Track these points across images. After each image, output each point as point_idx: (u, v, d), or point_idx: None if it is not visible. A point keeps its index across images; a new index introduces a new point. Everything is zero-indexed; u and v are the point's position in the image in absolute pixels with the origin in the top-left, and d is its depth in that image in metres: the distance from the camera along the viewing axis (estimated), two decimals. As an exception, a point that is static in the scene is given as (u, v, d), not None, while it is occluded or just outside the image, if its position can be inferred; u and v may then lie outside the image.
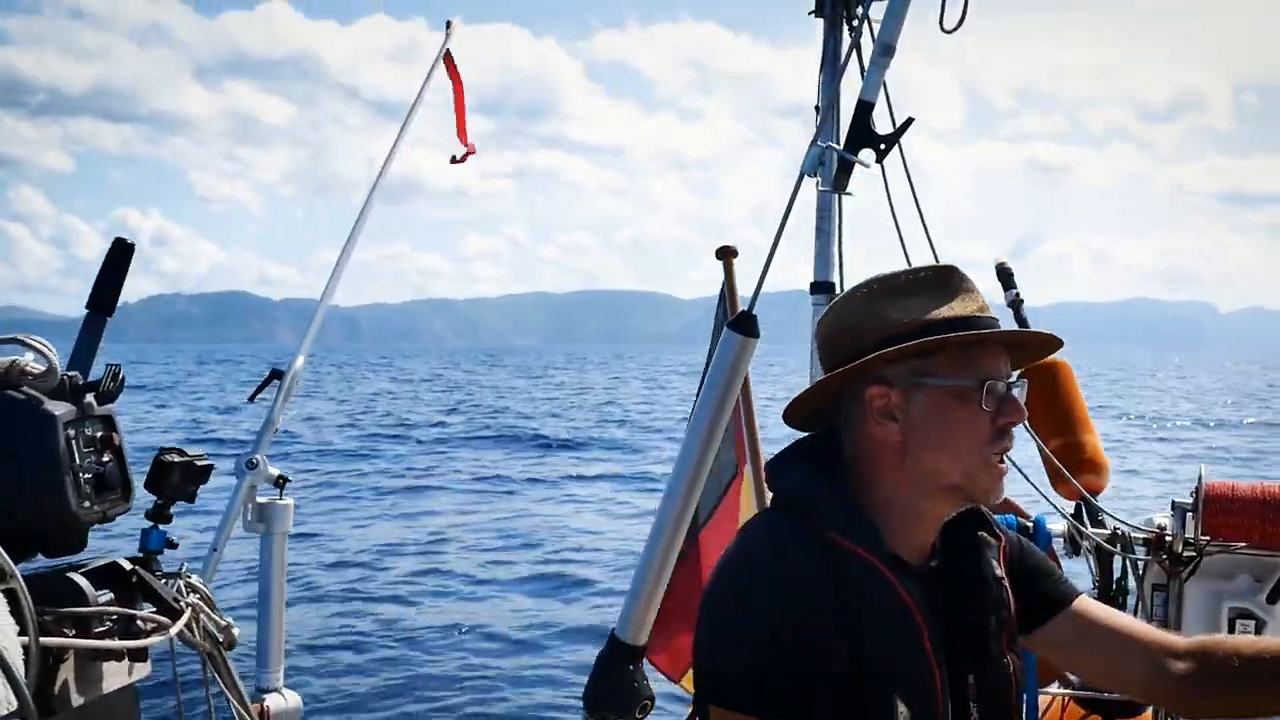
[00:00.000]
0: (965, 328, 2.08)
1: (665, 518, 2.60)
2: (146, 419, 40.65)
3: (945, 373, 2.08)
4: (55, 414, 2.38)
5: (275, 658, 3.51)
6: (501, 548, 16.55)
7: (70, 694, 2.40)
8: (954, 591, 2.16)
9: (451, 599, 13.48)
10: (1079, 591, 2.34)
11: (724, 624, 1.99)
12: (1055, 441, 4.63)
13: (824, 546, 2.01)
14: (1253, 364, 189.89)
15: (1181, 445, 37.27)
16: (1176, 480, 22.24)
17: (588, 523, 18.99)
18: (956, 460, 2.08)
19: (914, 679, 2.01)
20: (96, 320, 2.65)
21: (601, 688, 2.57)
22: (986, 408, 2.06)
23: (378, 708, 9.84)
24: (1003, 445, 2.09)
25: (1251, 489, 4.32)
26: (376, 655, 11.13)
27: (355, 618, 12.36)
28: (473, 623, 12.43)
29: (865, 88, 3.17)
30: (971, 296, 2.14)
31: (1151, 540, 4.40)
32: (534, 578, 14.56)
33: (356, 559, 15.20)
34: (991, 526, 2.26)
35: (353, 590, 13.47)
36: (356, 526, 17.27)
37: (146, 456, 2.60)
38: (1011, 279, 5.00)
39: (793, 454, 2.25)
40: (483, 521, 18.58)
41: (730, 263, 4.34)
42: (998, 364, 2.10)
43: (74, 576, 2.41)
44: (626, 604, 2.64)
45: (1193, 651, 2.23)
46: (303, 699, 3.59)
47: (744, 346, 2.57)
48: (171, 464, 2.74)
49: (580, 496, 22.35)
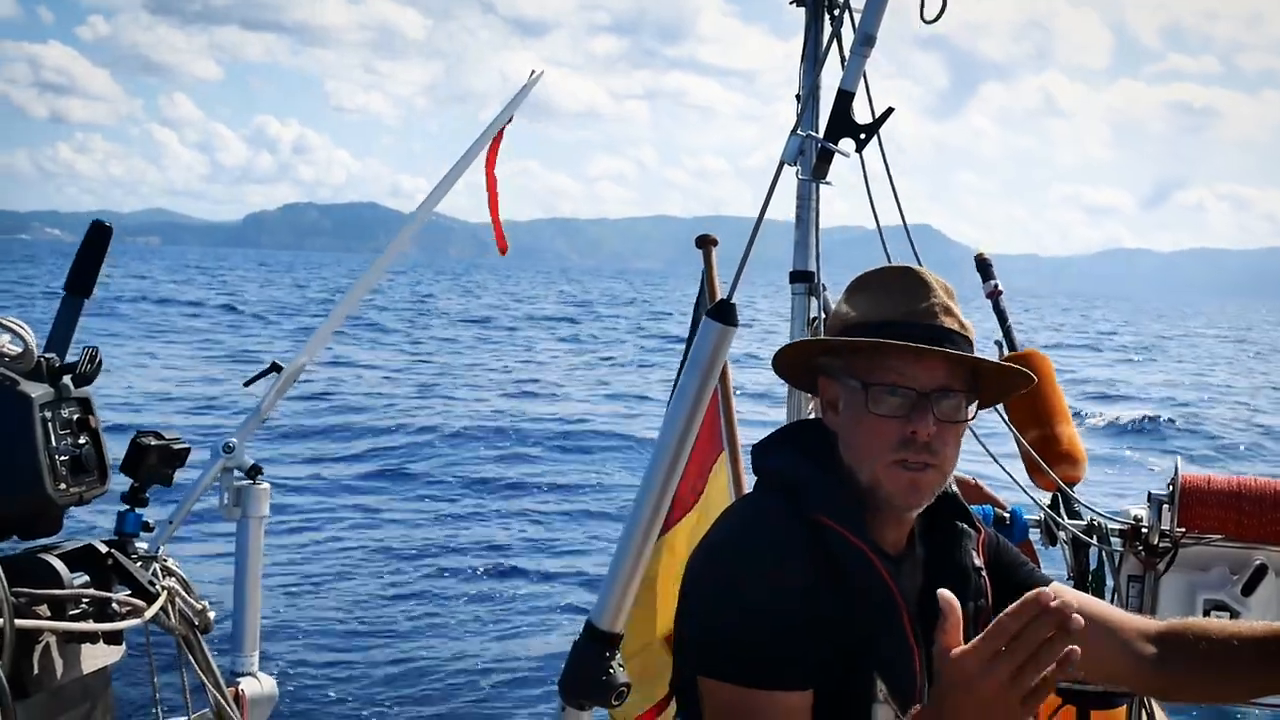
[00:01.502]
0: (883, 330, 2.11)
1: (642, 504, 2.60)
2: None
3: (859, 373, 2.13)
4: (31, 395, 2.38)
5: (250, 642, 3.51)
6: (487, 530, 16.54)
7: (45, 676, 2.40)
8: (932, 580, 2.18)
9: (431, 583, 13.46)
10: (1049, 579, 2.37)
11: (716, 599, 2.04)
12: (1032, 433, 4.65)
13: (811, 528, 2.06)
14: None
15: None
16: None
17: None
18: (860, 461, 2.13)
19: (894, 659, 2.06)
20: (74, 302, 2.65)
21: (578, 675, 2.57)
22: (876, 411, 2.09)
23: (353, 693, 9.83)
24: (908, 454, 2.10)
25: (1227, 481, 4.34)
26: (352, 640, 11.12)
27: (332, 602, 12.34)
28: (450, 608, 12.43)
29: (845, 77, 3.17)
30: (910, 296, 2.15)
31: (1127, 532, 4.43)
32: (516, 568, 14.56)
33: (335, 541, 15.17)
34: (970, 516, 2.28)
35: (330, 574, 13.44)
36: (332, 510, 17.23)
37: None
38: (990, 270, 5.01)
39: (780, 438, 2.29)
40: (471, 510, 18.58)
41: (710, 251, 4.35)
42: (915, 371, 2.10)
43: (49, 559, 2.41)
44: (603, 591, 2.64)
45: (1164, 635, 2.26)
46: (278, 683, 3.59)
47: (723, 335, 2.57)
48: (148, 446, 2.74)
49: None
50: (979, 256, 5.07)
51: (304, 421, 23.46)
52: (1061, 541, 4.62)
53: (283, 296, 79.15)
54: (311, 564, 13.78)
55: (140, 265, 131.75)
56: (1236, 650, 2.18)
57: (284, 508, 15.47)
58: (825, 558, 2.03)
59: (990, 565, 2.29)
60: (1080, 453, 4.84)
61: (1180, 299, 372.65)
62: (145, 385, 27.64)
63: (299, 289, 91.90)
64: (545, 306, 78.36)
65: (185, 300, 64.22)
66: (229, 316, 55.73)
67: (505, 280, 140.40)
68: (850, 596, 2.03)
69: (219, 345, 39.95)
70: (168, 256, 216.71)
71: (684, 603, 2.16)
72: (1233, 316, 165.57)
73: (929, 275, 2.21)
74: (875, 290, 2.18)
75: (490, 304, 79.60)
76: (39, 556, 2.41)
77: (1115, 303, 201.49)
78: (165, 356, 34.63)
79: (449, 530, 16.37)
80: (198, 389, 27.77)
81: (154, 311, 54.56)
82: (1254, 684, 2.23)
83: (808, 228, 3.89)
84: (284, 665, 9.93)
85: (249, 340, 42.20)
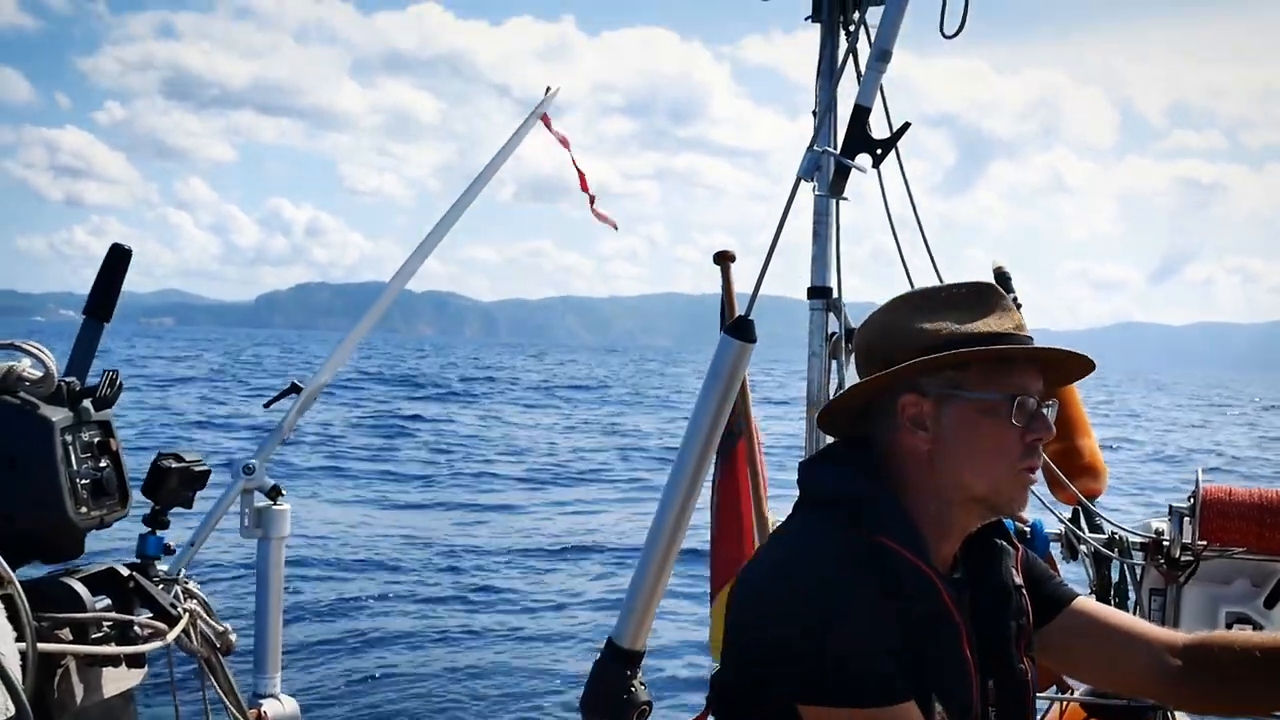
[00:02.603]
0: (1000, 343, 2.12)
1: (662, 522, 2.60)
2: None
3: (977, 386, 2.11)
4: (52, 419, 2.38)
5: (272, 663, 3.51)
6: (511, 551, 16.53)
7: (68, 700, 2.40)
8: (976, 599, 2.19)
9: (453, 604, 13.46)
10: (1077, 593, 2.36)
11: (808, 625, 1.97)
12: (1053, 446, 4.62)
13: (875, 551, 2.04)
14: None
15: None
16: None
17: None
18: (982, 473, 2.11)
19: (953, 682, 2.05)
20: (93, 326, 2.65)
21: (598, 693, 2.57)
22: (1016, 423, 2.09)
23: (374, 714, 9.82)
24: (1030, 462, 2.12)
25: (1249, 494, 4.32)
26: (374, 661, 11.12)
27: (354, 623, 12.34)
28: (473, 628, 12.42)
29: (861, 93, 3.16)
30: (1008, 314, 2.18)
31: (1149, 545, 4.40)
32: (539, 585, 14.55)
33: (357, 562, 15.18)
34: (1009, 535, 2.28)
35: (352, 595, 13.44)
36: (360, 528, 17.25)
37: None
38: (1009, 284, 4.99)
39: (829, 456, 2.28)
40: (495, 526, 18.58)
41: (728, 267, 4.34)
42: (1029, 381, 2.13)
43: (71, 582, 2.41)
44: (624, 609, 2.63)
45: (1191, 647, 2.26)
46: (300, 705, 3.59)
47: (741, 351, 2.57)
48: (169, 469, 2.74)
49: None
50: (998, 270, 5.04)
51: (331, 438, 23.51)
52: (1083, 555, 4.60)
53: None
54: (332, 584, 13.78)
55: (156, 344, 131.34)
56: (1262, 662, 2.18)
57: (305, 527, 15.50)
58: (892, 580, 2.02)
59: (1025, 578, 2.29)
60: (1101, 466, 4.82)
61: (1187, 372, 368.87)
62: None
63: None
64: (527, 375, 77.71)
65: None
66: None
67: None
68: (909, 618, 2.01)
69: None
70: (181, 336, 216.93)
71: (754, 627, 2.08)
72: (1228, 387, 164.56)
73: (1000, 289, 2.22)
74: (957, 306, 2.18)
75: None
76: (61, 580, 2.42)
77: (1121, 375, 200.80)
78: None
79: (472, 551, 16.38)
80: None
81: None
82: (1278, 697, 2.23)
83: (825, 243, 3.87)
84: (306, 686, 9.93)
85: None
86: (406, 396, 47.99)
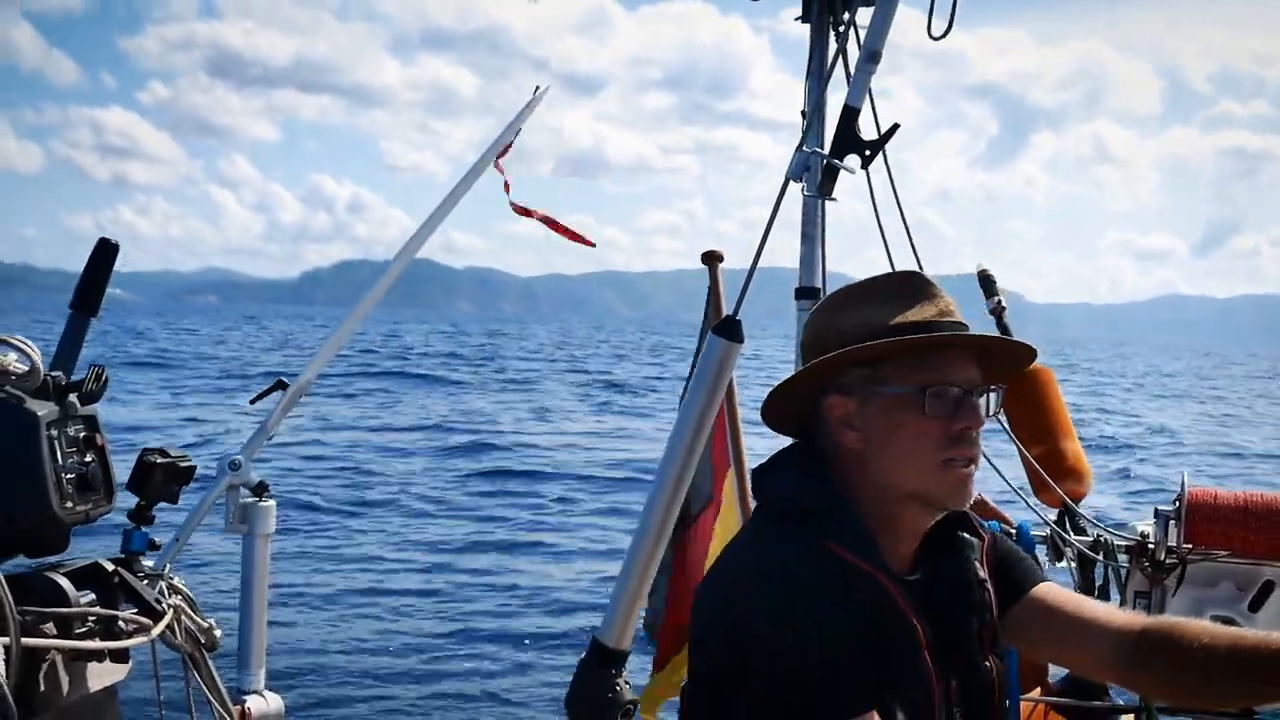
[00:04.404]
0: (918, 333, 2.08)
1: (648, 523, 2.60)
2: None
3: (894, 380, 2.08)
4: (38, 414, 2.37)
5: (257, 659, 3.50)
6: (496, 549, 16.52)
7: (51, 694, 2.39)
8: (938, 598, 2.15)
9: (438, 601, 13.45)
10: (1044, 578, 2.33)
11: (766, 639, 1.94)
12: (1037, 449, 4.64)
13: (826, 558, 2.01)
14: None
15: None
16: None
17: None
18: (909, 468, 2.08)
19: (912, 686, 2.02)
20: (79, 320, 2.64)
21: (583, 693, 2.57)
22: (931, 413, 2.05)
23: (360, 711, 9.82)
24: (959, 451, 2.08)
25: (1234, 498, 4.33)
26: (359, 658, 11.12)
27: (339, 620, 12.33)
28: (459, 626, 12.42)
29: (851, 94, 3.17)
30: (933, 301, 2.13)
31: (1134, 548, 4.42)
32: (524, 584, 14.54)
33: (344, 559, 15.17)
34: (973, 524, 2.26)
35: (337, 592, 13.44)
36: (338, 526, 17.23)
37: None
38: (994, 286, 5.00)
39: (781, 461, 2.24)
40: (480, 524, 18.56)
41: (715, 267, 4.34)
42: (953, 370, 2.09)
43: (55, 577, 2.41)
44: (609, 609, 2.63)
45: (1147, 631, 2.19)
46: (284, 701, 3.58)
47: (728, 351, 2.57)
48: (154, 464, 2.73)
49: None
50: (982, 272, 5.05)
51: (317, 437, 23.44)
52: (1068, 558, 4.61)
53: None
54: (318, 581, 13.78)
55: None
56: (1221, 656, 2.12)
57: (291, 523, 15.48)
58: (844, 588, 1.99)
59: (992, 569, 2.27)
60: (1085, 468, 4.83)
61: (1235, 345, 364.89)
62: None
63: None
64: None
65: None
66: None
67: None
68: (870, 626, 1.99)
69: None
70: (227, 315, 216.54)
71: (711, 643, 2.05)
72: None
73: (930, 278, 2.20)
74: (892, 296, 2.15)
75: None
76: (45, 574, 2.41)
77: (1164, 350, 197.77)
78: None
79: (458, 547, 16.37)
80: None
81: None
82: (1239, 692, 2.18)
83: (814, 244, 3.88)
84: (291, 683, 9.92)
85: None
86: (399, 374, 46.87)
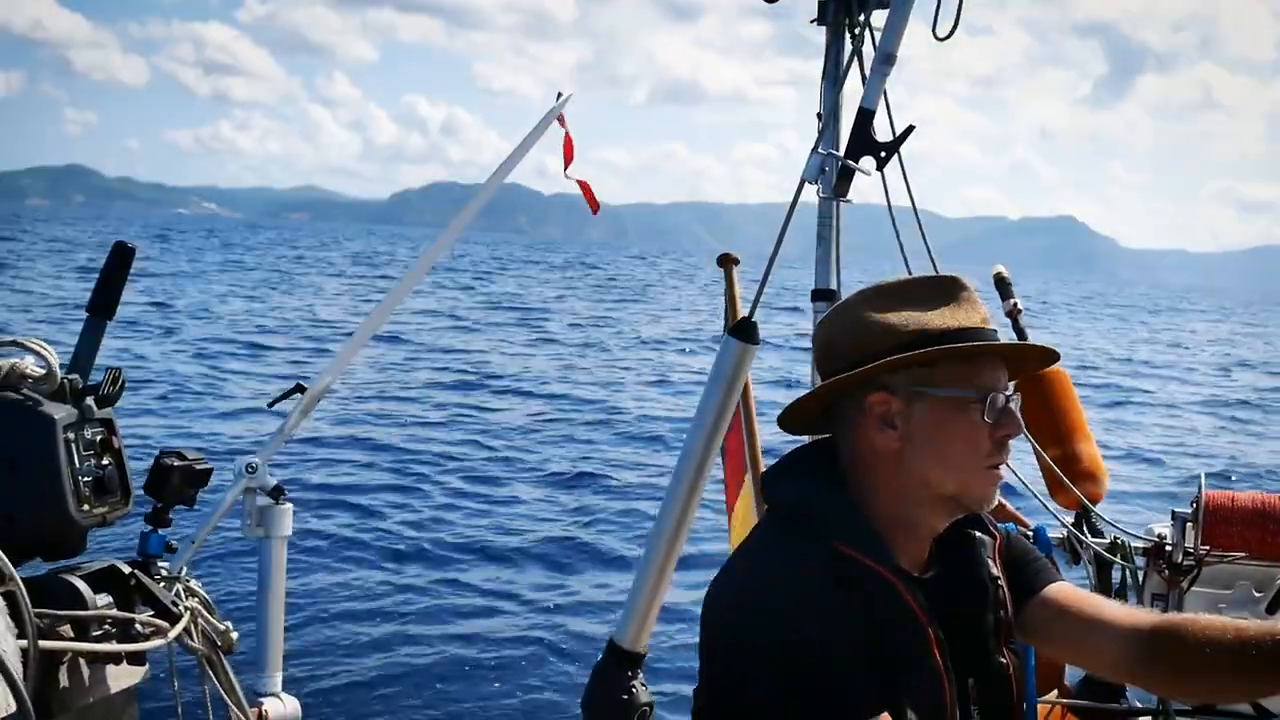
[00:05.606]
0: (967, 338, 2.09)
1: (664, 524, 2.60)
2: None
3: (946, 383, 2.08)
4: (55, 417, 2.38)
5: (274, 662, 3.51)
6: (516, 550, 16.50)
7: (69, 697, 2.40)
8: (952, 596, 2.16)
9: (455, 602, 13.44)
10: (1058, 578, 2.33)
11: (774, 647, 1.93)
12: (1053, 451, 4.64)
13: (834, 560, 2.01)
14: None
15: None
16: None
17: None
18: (952, 470, 2.09)
19: (924, 690, 2.02)
20: (96, 324, 2.65)
21: (599, 695, 2.57)
22: (987, 419, 2.07)
23: (375, 710, 9.82)
24: (999, 457, 2.10)
25: (1251, 499, 4.32)
26: (375, 660, 11.11)
27: (356, 622, 12.34)
28: (477, 628, 12.42)
29: (866, 96, 3.17)
30: (974, 307, 2.15)
31: (1151, 550, 4.41)
32: (543, 583, 14.53)
33: (363, 560, 15.17)
34: (984, 523, 2.26)
35: (354, 593, 13.44)
36: (357, 528, 17.25)
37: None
38: (1009, 288, 5.00)
39: (791, 463, 2.25)
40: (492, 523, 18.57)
41: (731, 269, 4.34)
42: (996, 376, 2.11)
43: (73, 580, 2.42)
44: (625, 610, 2.64)
45: (1157, 628, 2.18)
46: (301, 704, 3.59)
47: (744, 353, 2.57)
48: (171, 467, 2.74)
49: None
50: (997, 274, 5.05)
51: (330, 433, 23.42)
52: (1085, 560, 4.60)
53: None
54: (336, 583, 13.79)
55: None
56: (1229, 647, 2.10)
57: (308, 526, 15.49)
58: (852, 590, 1.99)
59: (1005, 567, 2.27)
60: (1101, 470, 4.82)
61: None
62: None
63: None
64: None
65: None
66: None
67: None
68: (878, 628, 1.99)
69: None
70: (320, 232, 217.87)
71: (720, 649, 2.05)
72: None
73: (965, 280, 2.20)
74: (922, 300, 2.15)
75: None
76: (62, 577, 2.42)
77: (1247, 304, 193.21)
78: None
79: (476, 550, 16.37)
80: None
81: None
82: (1250, 684, 2.16)
83: (829, 246, 3.88)
84: (308, 686, 9.93)
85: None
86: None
